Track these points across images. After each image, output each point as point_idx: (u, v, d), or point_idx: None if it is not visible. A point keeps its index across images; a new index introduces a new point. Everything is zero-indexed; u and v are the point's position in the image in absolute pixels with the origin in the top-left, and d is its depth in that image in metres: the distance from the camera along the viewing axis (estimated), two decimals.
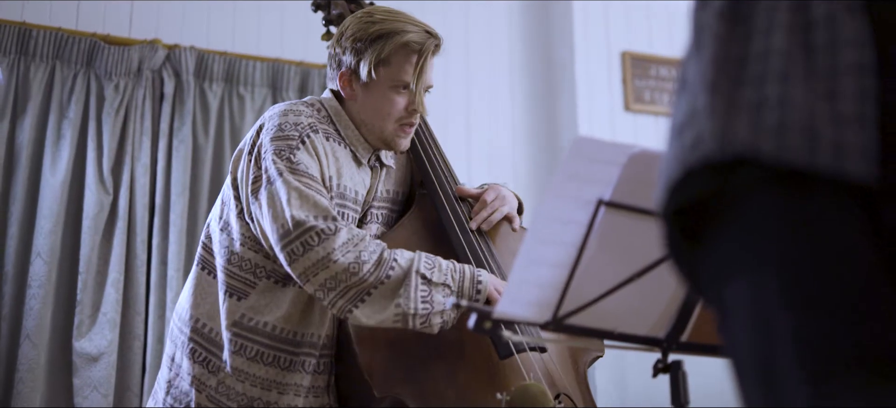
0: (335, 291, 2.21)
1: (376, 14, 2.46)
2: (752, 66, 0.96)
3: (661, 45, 5.76)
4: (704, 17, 1.04)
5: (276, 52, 5.09)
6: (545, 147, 5.62)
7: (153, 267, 4.55)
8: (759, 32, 0.97)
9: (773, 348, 0.91)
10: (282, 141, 2.34)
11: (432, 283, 2.24)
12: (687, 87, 1.03)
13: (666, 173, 1.03)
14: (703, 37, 1.03)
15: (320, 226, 2.22)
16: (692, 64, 1.03)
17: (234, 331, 2.39)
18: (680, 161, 0.99)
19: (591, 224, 1.61)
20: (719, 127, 0.95)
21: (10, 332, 4.25)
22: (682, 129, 1.01)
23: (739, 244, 0.96)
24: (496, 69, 5.69)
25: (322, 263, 2.20)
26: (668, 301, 1.73)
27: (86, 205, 4.44)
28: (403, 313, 2.20)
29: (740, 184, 0.94)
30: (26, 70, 4.50)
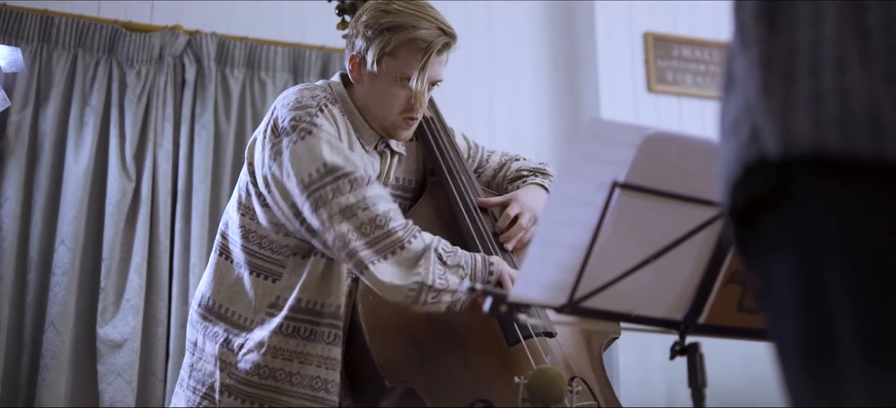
0: (360, 240, 2.20)
1: (394, 4, 2.43)
2: (801, 58, 0.94)
3: (684, 25, 5.72)
4: (744, 18, 1.02)
5: (297, 37, 5.09)
6: (568, 129, 5.60)
7: (176, 253, 4.56)
8: (804, 24, 0.95)
9: (832, 326, 0.90)
10: (301, 109, 2.34)
11: (447, 265, 2.23)
12: (735, 84, 1.02)
13: (725, 172, 1.02)
14: (745, 36, 1.01)
15: (356, 173, 2.23)
16: (738, 60, 1.02)
17: (270, 312, 2.39)
18: (738, 159, 0.98)
19: (606, 206, 1.60)
20: (779, 126, 0.93)
21: (34, 319, 4.28)
22: (736, 126, 1.00)
23: (798, 227, 0.94)
24: (519, 51, 5.67)
25: (352, 208, 2.20)
26: (685, 283, 1.72)
27: (109, 192, 4.46)
28: (421, 282, 2.18)
29: (801, 175, 0.93)
30: (49, 58, 4.52)
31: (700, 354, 1.70)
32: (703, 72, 5.63)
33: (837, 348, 0.90)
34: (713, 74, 5.65)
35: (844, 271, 0.90)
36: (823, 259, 0.91)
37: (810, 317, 0.93)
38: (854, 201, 0.91)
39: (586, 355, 2.48)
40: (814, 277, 0.92)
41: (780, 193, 0.95)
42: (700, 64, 5.64)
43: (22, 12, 4.50)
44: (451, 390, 2.28)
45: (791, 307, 0.95)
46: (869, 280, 0.89)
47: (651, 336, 1.79)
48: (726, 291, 1.73)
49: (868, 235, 0.90)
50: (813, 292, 0.92)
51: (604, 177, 1.58)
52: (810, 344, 0.93)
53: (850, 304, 0.89)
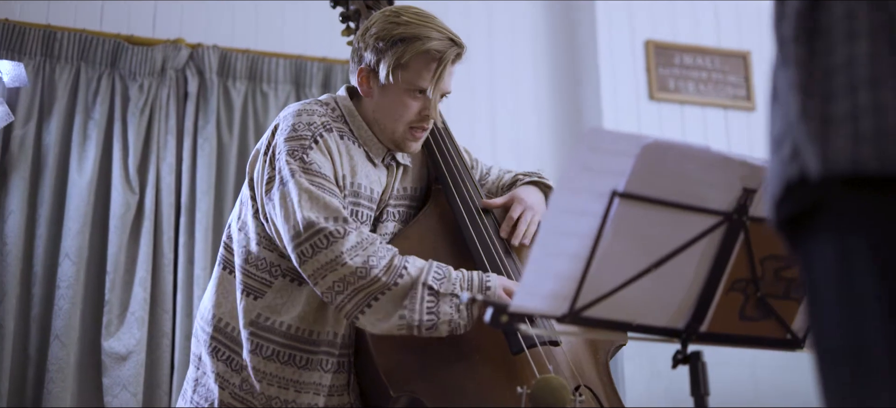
0: (343, 293, 2.22)
1: (404, 15, 2.44)
2: (839, 76, 0.95)
3: (685, 33, 5.72)
4: (784, 34, 1.04)
5: (299, 49, 5.10)
6: (570, 138, 5.60)
7: (180, 265, 4.57)
8: (840, 42, 0.96)
9: (866, 334, 0.93)
10: (295, 141, 2.35)
11: (439, 294, 2.23)
12: (779, 99, 1.04)
13: (770, 188, 1.05)
14: (785, 51, 1.03)
15: (330, 227, 2.22)
16: (781, 74, 1.04)
17: (251, 330, 2.40)
18: (780, 177, 1.01)
19: (605, 216, 1.60)
20: (818, 147, 0.95)
21: (39, 333, 4.29)
22: (780, 143, 1.02)
23: (838, 240, 0.97)
24: (520, 60, 5.67)
25: (331, 265, 2.21)
26: (686, 292, 1.72)
27: (112, 205, 4.47)
28: (407, 324, 2.21)
29: (839, 192, 0.95)
30: (52, 72, 4.53)
31: (702, 362, 1.70)
32: (704, 79, 5.63)
33: (871, 354, 0.92)
34: (715, 82, 5.65)
35: (881, 283, 0.92)
36: (860, 270, 0.94)
37: (847, 324, 0.95)
38: (891, 216, 0.93)
39: (592, 364, 2.48)
40: (851, 287, 0.95)
41: (820, 210, 0.97)
42: (702, 71, 5.64)
43: (25, 27, 4.52)
44: (456, 399, 2.28)
45: (831, 314, 0.98)
46: None
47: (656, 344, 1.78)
48: (728, 300, 1.73)
49: None
50: (851, 301, 0.95)
51: (603, 186, 1.59)
52: (846, 350, 0.96)
53: (882, 315, 0.92)
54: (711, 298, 1.72)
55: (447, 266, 2.30)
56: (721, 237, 1.68)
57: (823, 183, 0.95)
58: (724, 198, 1.64)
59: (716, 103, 5.63)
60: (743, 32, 5.83)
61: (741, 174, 1.63)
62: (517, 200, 2.63)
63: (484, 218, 2.55)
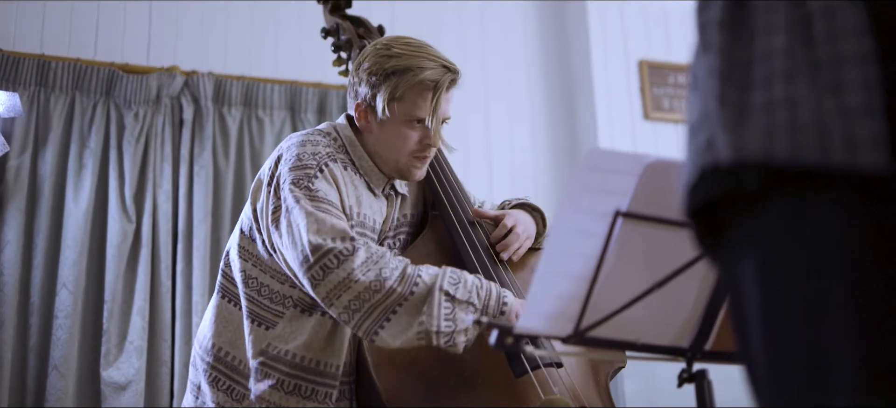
0: (360, 312, 2.17)
1: (394, 47, 2.43)
2: (757, 68, 0.97)
3: (679, 52, 5.74)
4: (707, 19, 1.05)
5: (293, 75, 5.10)
6: (566, 159, 5.61)
7: (178, 293, 4.56)
8: (759, 33, 0.98)
9: (774, 350, 0.94)
10: (300, 170, 2.33)
11: (456, 300, 2.19)
12: (698, 86, 1.05)
13: (685, 176, 1.05)
14: (707, 37, 1.04)
15: (338, 247, 2.19)
16: (700, 62, 1.05)
17: (261, 360, 2.38)
18: (694, 164, 1.01)
19: (608, 236, 1.60)
20: (732, 136, 0.96)
21: (37, 363, 4.27)
22: (697, 130, 1.03)
23: (750, 245, 0.97)
24: (514, 83, 5.69)
25: (343, 284, 2.17)
26: (690, 310, 1.72)
27: (109, 234, 4.46)
28: (426, 331, 2.15)
29: (751, 185, 0.96)
30: (46, 102, 4.53)
31: (708, 381, 1.69)
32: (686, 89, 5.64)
33: (778, 365, 0.94)
34: None
35: (792, 281, 0.93)
36: (774, 269, 0.94)
37: (765, 325, 0.95)
38: (802, 210, 0.93)
39: (594, 385, 2.47)
40: (767, 287, 0.95)
41: (733, 202, 0.98)
42: None
43: (19, 57, 4.52)
44: None
45: (749, 315, 0.98)
46: (806, 304, 0.92)
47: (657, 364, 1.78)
48: None
49: (814, 245, 0.92)
50: (765, 301, 0.95)
51: (606, 206, 1.58)
52: (761, 357, 0.96)
53: (789, 330, 0.92)
54: (715, 315, 1.72)
55: (461, 271, 2.26)
56: None
57: (735, 173, 0.96)
58: None
59: None
60: None
61: None
62: (509, 215, 2.63)
63: (483, 242, 2.55)
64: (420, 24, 5.20)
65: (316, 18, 4.61)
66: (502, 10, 5.78)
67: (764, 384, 0.96)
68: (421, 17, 5.44)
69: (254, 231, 2.45)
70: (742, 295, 0.99)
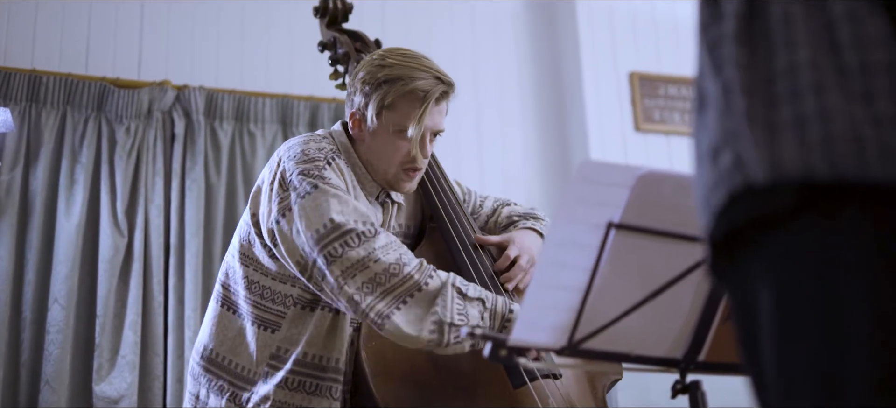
0: (374, 294, 2.17)
1: (389, 58, 2.44)
2: (781, 83, 0.94)
3: (669, 63, 5.75)
4: (717, 36, 1.02)
5: (285, 88, 5.11)
6: (558, 171, 5.62)
7: (170, 307, 4.55)
8: (780, 47, 0.95)
9: (790, 369, 0.92)
10: (309, 163, 2.33)
11: (467, 297, 2.20)
12: (709, 105, 1.02)
13: (707, 199, 1.01)
14: (719, 54, 1.01)
15: (360, 228, 2.20)
16: (710, 81, 1.02)
17: (271, 364, 2.38)
18: (723, 186, 0.98)
19: (602, 247, 1.60)
20: (766, 154, 0.93)
21: (29, 378, 4.26)
22: (717, 151, 0.99)
23: (774, 265, 0.95)
24: (505, 96, 5.70)
25: (362, 262, 2.17)
26: (684, 321, 1.72)
27: (101, 248, 4.45)
28: (440, 322, 2.14)
29: (786, 204, 0.93)
30: (38, 117, 4.53)
31: (702, 392, 1.70)
32: (689, 109, 5.66)
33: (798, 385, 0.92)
34: None
35: (816, 301, 0.91)
36: (799, 287, 0.92)
37: (787, 347, 0.93)
38: (840, 227, 0.91)
39: (590, 397, 2.48)
40: (788, 306, 0.93)
41: (765, 221, 0.95)
42: (686, 101, 5.67)
43: (10, 73, 4.52)
44: None
45: (764, 331, 0.96)
46: (833, 311, 0.90)
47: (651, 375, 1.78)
48: (726, 328, 1.73)
49: (853, 262, 0.90)
50: (784, 320, 0.93)
51: (599, 218, 1.59)
52: (776, 377, 0.94)
53: (825, 334, 0.90)
54: (709, 327, 1.73)
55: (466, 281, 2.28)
56: None
57: (770, 194, 0.93)
58: None
59: None
60: None
61: None
62: (513, 243, 2.61)
63: (480, 254, 2.55)
64: (411, 42, 5.21)
65: (307, 33, 4.63)
66: (493, 21, 5.79)
67: (775, 401, 0.95)
68: (412, 34, 5.45)
69: (252, 236, 2.45)
70: (758, 313, 0.96)
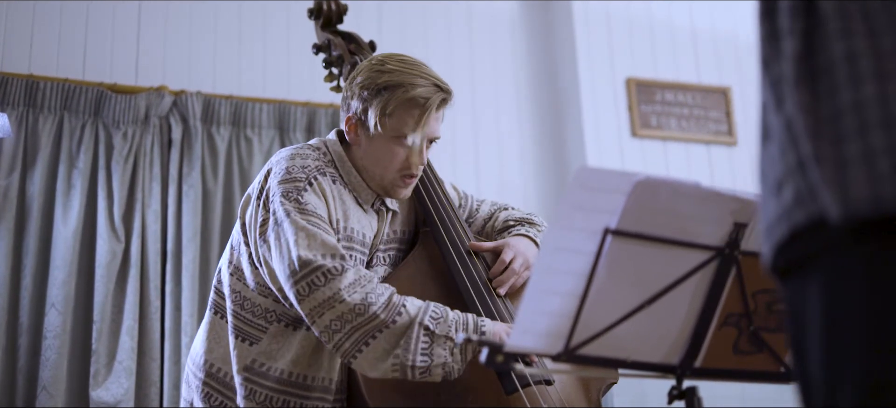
0: (341, 332, 2.19)
1: (388, 63, 2.44)
2: (847, 119, 0.96)
3: (666, 69, 5.76)
4: (779, 74, 1.05)
5: (282, 94, 5.11)
6: (554, 177, 5.63)
7: (167, 313, 4.55)
8: (844, 85, 0.97)
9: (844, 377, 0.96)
10: (289, 183, 2.34)
11: (435, 335, 2.21)
12: (772, 138, 1.05)
13: (770, 230, 1.05)
14: (781, 91, 1.03)
15: (328, 265, 2.21)
16: (773, 115, 1.05)
17: (245, 376, 2.39)
18: (785, 222, 1.02)
19: (598, 253, 1.60)
20: (838, 193, 0.96)
21: (26, 384, 4.26)
22: (781, 185, 1.03)
23: (828, 281, 0.99)
24: (502, 101, 5.70)
25: (328, 302, 2.19)
26: (680, 327, 1.73)
27: (98, 253, 4.45)
28: (401, 365, 2.18)
29: (848, 236, 0.96)
30: (35, 122, 4.53)
31: (698, 398, 1.70)
32: (686, 115, 5.67)
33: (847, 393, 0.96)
34: (697, 118, 5.69)
35: (870, 325, 0.95)
36: (852, 314, 0.96)
37: (832, 365, 0.98)
38: (884, 257, 0.95)
39: (585, 402, 2.48)
40: (840, 330, 0.97)
41: (824, 256, 0.99)
42: (683, 108, 5.68)
43: (7, 78, 4.51)
44: None
45: (815, 354, 1.00)
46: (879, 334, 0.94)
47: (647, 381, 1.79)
48: (722, 334, 1.74)
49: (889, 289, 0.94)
50: (836, 343, 0.97)
51: (595, 224, 1.60)
52: (826, 390, 0.99)
53: (862, 356, 0.94)
54: (705, 333, 1.73)
55: (445, 307, 2.28)
56: (713, 272, 1.69)
57: (836, 229, 0.96)
58: (716, 233, 1.65)
59: (698, 139, 5.67)
60: (723, 68, 5.88)
61: (732, 209, 1.64)
62: (508, 246, 2.62)
63: (473, 260, 2.55)
64: (407, 44, 5.21)
65: (304, 38, 4.64)
66: (489, 25, 5.79)
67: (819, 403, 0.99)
68: (408, 37, 5.45)
69: (241, 246, 2.46)
70: (808, 324, 1.02)
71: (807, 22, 1.02)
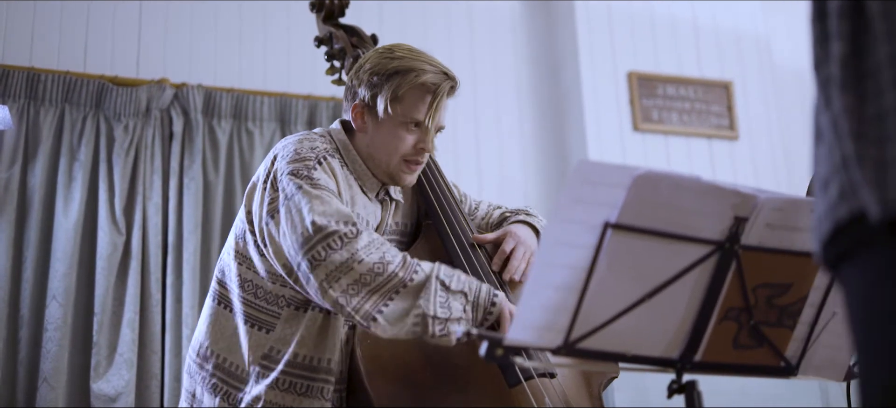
0: (359, 295, 2.17)
1: (397, 51, 2.47)
2: (891, 120, 0.97)
3: (668, 63, 5.76)
4: (826, 76, 1.06)
5: (283, 87, 5.11)
6: (556, 171, 5.63)
7: (168, 305, 4.55)
8: (889, 87, 0.98)
9: None
10: (299, 162, 2.35)
11: (450, 290, 2.21)
12: (823, 139, 1.07)
13: (818, 226, 1.07)
14: (829, 93, 1.05)
15: (342, 230, 2.20)
16: (825, 116, 1.06)
17: (264, 364, 2.38)
18: (830, 218, 1.04)
19: (598, 247, 1.60)
20: (879, 193, 0.97)
21: (27, 376, 4.26)
22: (827, 183, 1.05)
23: (866, 273, 1.02)
24: (503, 96, 5.70)
25: (346, 265, 2.18)
26: (680, 321, 1.73)
27: (99, 246, 4.45)
28: (423, 315, 2.15)
29: (885, 232, 0.98)
30: (36, 114, 4.53)
31: (698, 392, 1.70)
32: (688, 109, 5.67)
33: None
34: (698, 112, 5.69)
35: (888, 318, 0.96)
36: (880, 301, 0.99)
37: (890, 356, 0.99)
38: None
39: (586, 396, 2.48)
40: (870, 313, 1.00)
41: (866, 248, 1.01)
42: (685, 102, 5.67)
43: (8, 70, 4.51)
44: None
45: (872, 345, 1.02)
46: None
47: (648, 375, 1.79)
48: (722, 329, 1.73)
49: None
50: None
51: (595, 218, 1.59)
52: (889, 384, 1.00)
53: None
54: (705, 327, 1.73)
55: (453, 269, 2.28)
56: (713, 266, 1.68)
57: (879, 224, 0.98)
58: (716, 227, 1.65)
59: (699, 133, 5.67)
60: (724, 62, 5.87)
61: (732, 203, 1.64)
62: (509, 235, 2.63)
63: (476, 252, 2.56)
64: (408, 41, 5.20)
65: (305, 31, 4.63)
66: (491, 21, 5.79)
67: None
68: (409, 34, 5.45)
69: (247, 234, 2.46)
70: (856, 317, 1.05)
71: (854, 24, 1.03)
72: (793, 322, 1.80)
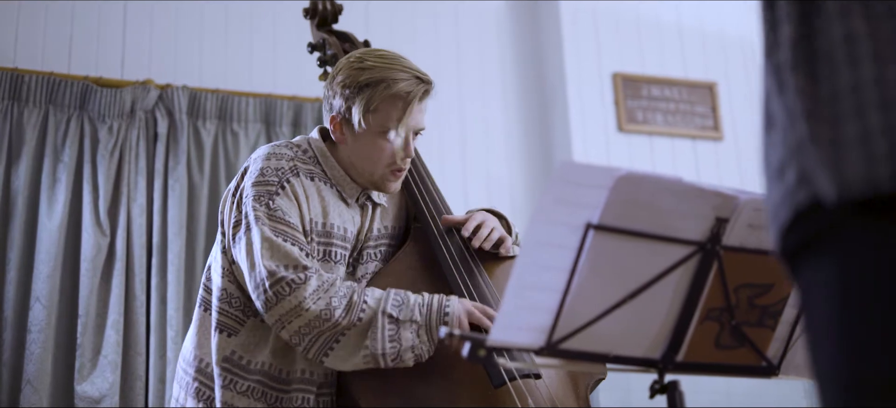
0: (308, 337, 2.27)
1: (367, 59, 2.46)
2: (845, 101, 0.96)
3: (652, 64, 5.77)
4: (778, 61, 1.05)
5: (268, 88, 5.10)
6: (541, 172, 5.63)
7: (153, 307, 4.54)
8: (843, 66, 0.97)
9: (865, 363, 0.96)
10: (262, 186, 2.38)
11: (399, 321, 2.27)
12: (776, 126, 1.05)
13: (775, 215, 1.05)
14: (782, 78, 1.04)
15: (290, 276, 2.26)
16: (776, 103, 1.05)
17: (224, 367, 2.40)
18: (787, 205, 1.02)
19: (580, 248, 1.61)
20: (832, 172, 0.96)
21: (10, 378, 4.25)
22: (783, 169, 1.03)
23: (846, 267, 0.99)
24: (488, 96, 5.70)
25: (295, 311, 2.25)
26: (662, 321, 1.73)
27: (83, 247, 4.44)
28: (372, 355, 2.25)
29: (851, 217, 0.97)
30: (20, 115, 4.51)
31: (680, 392, 1.71)
32: (672, 110, 5.68)
33: (870, 382, 0.95)
34: (683, 113, 5.70)
35: (884, 308, 0.94)
36: (863, 295, 0.96)
37: (848, 352, 0.97)
38: (886, 236, 0.95)
39: (573, 397, 2.48)
40: (853, 314, 0.97)
41: (828, 236, 0.99)
42: (669, 102, 5.69)
43: None
44: None
45: (830, 341, 1.00)
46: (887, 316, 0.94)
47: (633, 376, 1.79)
48: (704, 329, 1.74)
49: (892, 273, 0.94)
50: (852, 329, 0.97)
51: (577, 219, 1.60)
52: (845, 378, 0.98)
53: (883, 340, 0.94)
54: (687, 327, 1.74)
55: (405, 292, 2.33)
56: (695, 267, 1.69)
57: (837, 208, 0.96)
58: (698, 228, 1.66)
59: (684, 134, 5.68)
60: (709, 63, 5.89)
61: (714, 204, 1.65)
62: (473, 216, 2.66)
63: (458, 247, 2.57)
64: (395, 42, 5.21)
65: (291, 32, 4.63)
66: (476, 22, 5.79)
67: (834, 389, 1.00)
68: (396, 35, 5.45)
69: (220, 242, 2.49)
70: (815, 310, 1.02)
71: (804, 6, 1.02)
72: (774, 322, 1.81)
